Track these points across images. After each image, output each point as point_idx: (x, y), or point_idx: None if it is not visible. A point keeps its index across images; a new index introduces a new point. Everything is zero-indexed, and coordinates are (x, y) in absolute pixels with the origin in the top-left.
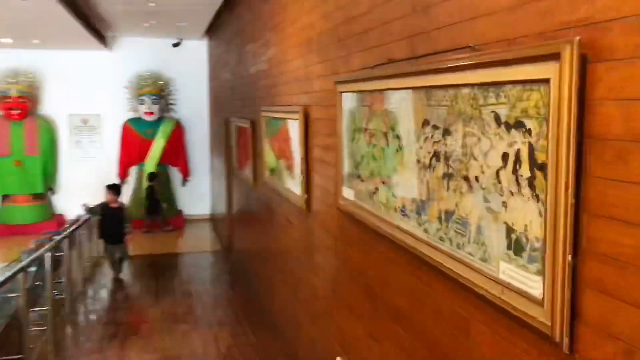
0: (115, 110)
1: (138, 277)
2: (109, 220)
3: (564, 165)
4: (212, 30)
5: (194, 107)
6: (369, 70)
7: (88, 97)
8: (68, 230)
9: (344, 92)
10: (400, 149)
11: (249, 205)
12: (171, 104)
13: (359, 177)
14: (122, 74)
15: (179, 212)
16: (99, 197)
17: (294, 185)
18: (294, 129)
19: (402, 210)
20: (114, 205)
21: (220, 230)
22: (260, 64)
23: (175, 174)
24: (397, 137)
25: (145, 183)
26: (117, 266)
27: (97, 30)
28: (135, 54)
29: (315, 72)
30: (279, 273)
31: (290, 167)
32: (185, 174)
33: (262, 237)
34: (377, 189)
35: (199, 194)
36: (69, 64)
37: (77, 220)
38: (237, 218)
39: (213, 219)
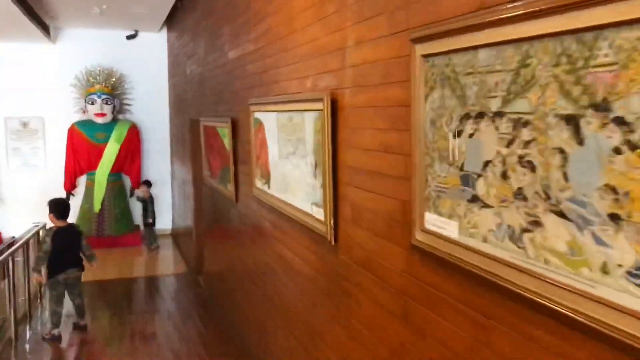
0: (61, 112)
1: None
2: (58, 245)
3: None
4: (172, 20)
5: (151, 107)
6: (507, 5)
7: (28, 96)
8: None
9: (431, 54)
10: (628, 145)
11: (228, 221)
12: (125, 104)
13: (475, 199)
14: (69, 70)
15: (136, 227)
16: (42, 212)
17: (306, 203)
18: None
19: (632, 274)
20: (62, 225)
21: (186, 249)
22: (245, 46)
23: (129, 182)
24: (622, 122)
25: (146, 193)
26: (58, 316)
27: (39, 18)
28: (83, 47)
29: (350, 37)
30: (278, 317)
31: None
32: (136, 182)
33: (248, 263)
34: (535, 222)
35: (158, 206)
36: (4, 57)
37: (12, 242)
38: (209, 235)
39: (175, 235)
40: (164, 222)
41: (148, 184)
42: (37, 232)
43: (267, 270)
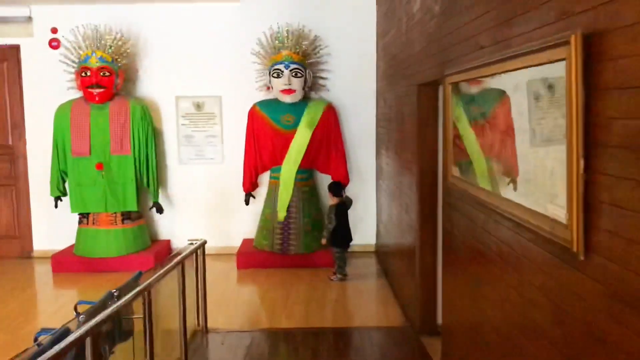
0: (242, 90)
1: None
2: None
3: None
4: None
5: (353, 81)
6: None
7: (204, 70)
8: (148, 280)
9: None
10: None
11: (536, 285)
12: (320, 77)
13: None
14: (253, 36)
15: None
16: (220, 219)
17: None
18: None
19: None
20: None
21: (399, 281)
22: None
23: (324, 183)
24: None
25: (331, 200)
26: None
27: None
28: (271, 3)
29: None
30: None
31: None
32: (344, 181)
33: None
34: None
35: (358, 215)
36: (175, 23)
37: (178, 253)
38: (457, 273)
39: (381, 255)
40: (366, 235)
41: (335, 188)
42: (183, 262)
43: None
